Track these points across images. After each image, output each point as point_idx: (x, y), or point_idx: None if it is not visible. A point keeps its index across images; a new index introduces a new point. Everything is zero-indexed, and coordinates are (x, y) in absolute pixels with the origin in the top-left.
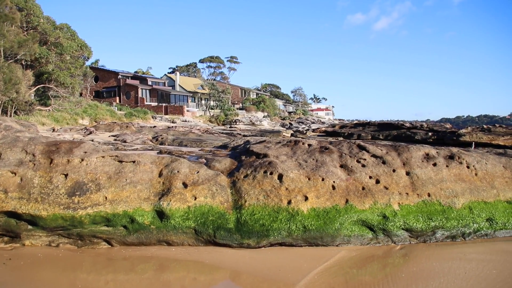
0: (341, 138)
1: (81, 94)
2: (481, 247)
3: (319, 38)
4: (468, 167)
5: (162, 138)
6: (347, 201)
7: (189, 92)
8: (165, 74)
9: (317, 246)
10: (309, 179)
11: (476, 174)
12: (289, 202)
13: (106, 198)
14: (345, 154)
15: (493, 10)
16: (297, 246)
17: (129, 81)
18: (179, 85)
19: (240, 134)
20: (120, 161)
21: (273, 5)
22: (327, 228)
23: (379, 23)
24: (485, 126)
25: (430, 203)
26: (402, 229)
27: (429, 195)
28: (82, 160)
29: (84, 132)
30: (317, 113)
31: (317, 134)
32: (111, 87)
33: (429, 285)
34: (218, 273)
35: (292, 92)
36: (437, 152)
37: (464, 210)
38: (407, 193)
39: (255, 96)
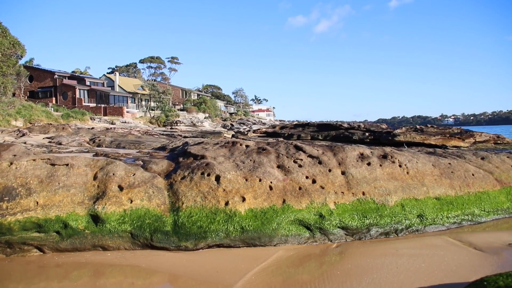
0: (282, 139)
1: (14, 94)
2: (412, 243)
3: (261, 39)
4: (400, 166)
5: (99, 140)
6: (284, 201)
7: (129, 93)
8: (104, 75)
9: (255, 247)
10: (246, 180)
11: (407, 173)
12: (227, 203)
13: (37, 203)
14: (282, 154)
15: (425, 16)
16: (235, 247)
17: (66, 81)
18: (119, 85)
19: (180, 136)
20: (53, 164)
21: (214, 6)
22: (265, 228)
23: (320, 25)
24: (418, 127)
25: (364, 201)
26: (338, 227)
27: (363, 193)
28: (11, 163)
29: (17, 134)
30: (258, 114)
31: (258, 135)
32: (47, 87)
33: (363, 281)
34: (156, 277)
35: (233, 93)
36: (371, 152)
37: (396, 207)
38: (343, 192)
39: (196, 97)
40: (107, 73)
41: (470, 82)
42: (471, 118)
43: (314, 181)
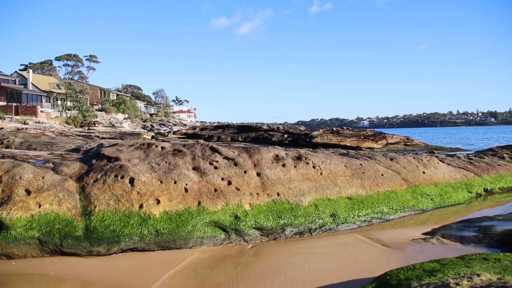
0: (201, 140)
1: None
2: (325, 241)
3: (183, 40)
4: (314, 167)
5: (8, 141)
6: (199, 203)
7: (44, 91)
8: (16, 71)
9: (170, 250)
10: (161, 182)
11: (321, 174)
12: (141, 206)
13: None
14: (198, 156)
15: (344, 22)
16: (149, 251)
17: None
18: (32, 83)
19: (98, 137)
20: None
21: (135, 4)
22: (180, 231)
23: (242, 28)
24: (334, 129)
25: (279, 202)
26: (254, 228)
27: (278, 194)
28: None
29: None
30: (179, 115)
31: (178, 136)
32: None
33: (276, 280)
34: (66, 285)
35: (154, 93)
36: (286, 154)
37: (310, 207)
38: (258, 193)
39: (115, 97)
40: (20, 70)
41: (384, 87)
42: (385, 121)
43: (229, 183)
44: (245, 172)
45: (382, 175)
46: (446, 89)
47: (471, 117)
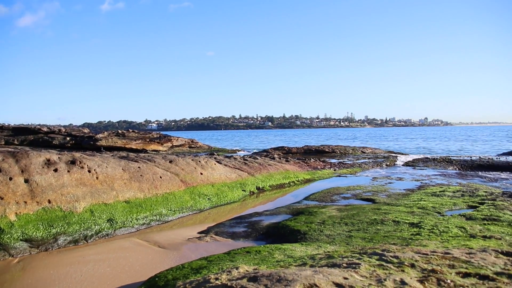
0: None
1: None
2: (101, 248)
3: None
4: (89, 171)
5: None
6: None
7: None
8: None
9: None
10: None
11: (97, 178)
12: None
13: None
14: None
15: (138, 21)
16: None
17: None
18: None
19: None
20: None
21: None
22: None
23: (24, 19)
24: (120, 131)
25: (51, 210)
26: (21, 240)
27: (49, 201)
28: None
29: None
30: None
31: None
32: None
33: None
34: None
35: None
36: (59, 158)
37: (85, 213)
38: (26, 202)
39: None
40: None
41: (173, 90)
42: (172, 123)
43: None
44: (10, 178)
45: (160, 177)
46: (230, 94)
47: (252, 121)
